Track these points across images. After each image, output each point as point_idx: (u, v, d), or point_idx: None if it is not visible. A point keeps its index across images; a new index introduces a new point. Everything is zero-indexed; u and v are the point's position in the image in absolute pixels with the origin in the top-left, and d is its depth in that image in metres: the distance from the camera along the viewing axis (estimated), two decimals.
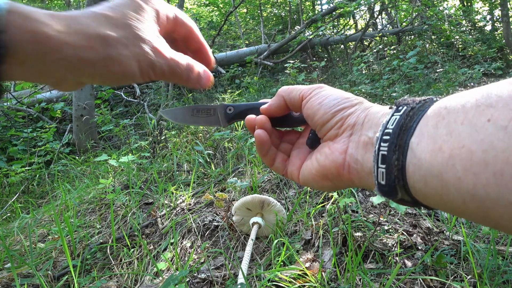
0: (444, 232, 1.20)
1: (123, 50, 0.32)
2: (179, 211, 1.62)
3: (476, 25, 8.04)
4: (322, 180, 0.38)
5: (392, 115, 0.31)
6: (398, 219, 1.31)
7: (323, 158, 0.37)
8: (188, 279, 1.12)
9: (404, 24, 7.46)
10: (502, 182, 0.21)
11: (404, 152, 0.28)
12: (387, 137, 0.29)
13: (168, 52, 0.36)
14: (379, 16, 8.60)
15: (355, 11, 6.59)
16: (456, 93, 0.27)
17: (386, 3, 6.68)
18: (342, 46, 6.98)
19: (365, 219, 1.27)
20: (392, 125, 0.30)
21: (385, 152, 0.29)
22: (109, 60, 0.31)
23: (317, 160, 0.39)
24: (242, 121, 0.48)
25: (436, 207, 0.28)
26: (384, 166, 0.29)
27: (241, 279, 0.99)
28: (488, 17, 8.71)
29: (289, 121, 0.45)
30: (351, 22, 9.22)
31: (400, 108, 0.31)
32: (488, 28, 8.51)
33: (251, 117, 0.44)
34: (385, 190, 0.30)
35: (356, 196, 1.44)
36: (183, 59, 0.38)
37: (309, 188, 1.57)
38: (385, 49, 6.05)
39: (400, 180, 0.28)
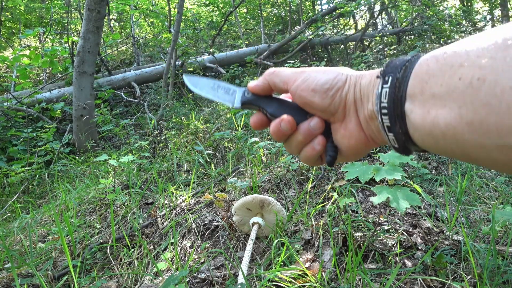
0: (444, 232, 1.20)
1: None
2: (179, 211, 1.61)
3: (476, 25, 8.03)
4: (355, 156, 0.42)
5: (382, 87, 0.34)
6: (398, 219, 1.31)
7: (346, 141, 0.40)
8: (188, 279, 1.12)
9: (404, 24, 7.44)
10: (473, 128, 0.26)
11: (403, 120, 0.33)
12: (385, 111, 0.34)
13: None
14: (379, 16, 8.59)
15: (355, 11, 6.59)
16: (435, 50, 0.30)
17: (386, 3, 6.68)
18: (342, 46, 6.97)
19: (365, 219, 1.27)
20: (385, 98, 0.34)
21: (389, 124, 0.34)
22: None
23: (341, 144, 0.41)
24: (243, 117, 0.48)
25: (438, 153, 0.34)
26: (392, 134, 0.34)
27: (241, 279, 0.99)
28: (488, 17, 8.71)
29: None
30: (351, 22, 9.21)
31: (387, 78, 0.34)
32: (488, 28, 8.49)
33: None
34: (400, 150, 0.36)
35: (356, 196, 1.44)
36: None
37: (309, 188, 1.57)
38: (385, 49, 6.04)
39: (408, 141, 0.34)
